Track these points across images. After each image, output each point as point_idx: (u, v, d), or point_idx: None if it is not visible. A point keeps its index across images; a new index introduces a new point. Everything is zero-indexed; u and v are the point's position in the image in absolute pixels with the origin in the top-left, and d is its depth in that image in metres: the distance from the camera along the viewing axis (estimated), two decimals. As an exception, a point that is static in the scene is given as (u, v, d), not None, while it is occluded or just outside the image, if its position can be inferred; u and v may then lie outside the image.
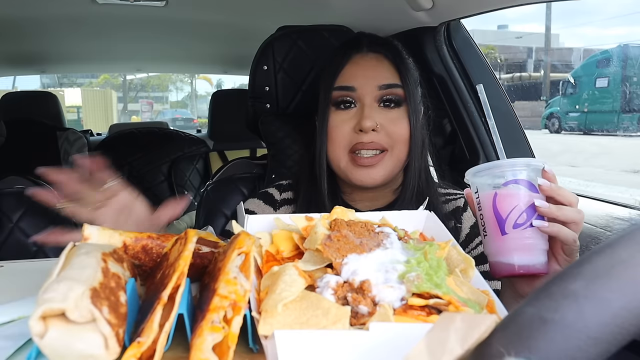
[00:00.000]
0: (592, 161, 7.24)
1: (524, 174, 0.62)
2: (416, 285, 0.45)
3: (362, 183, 0.88)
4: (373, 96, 0.87)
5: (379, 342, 0.39)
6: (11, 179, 1.23)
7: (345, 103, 0.88)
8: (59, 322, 0.38)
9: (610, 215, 1.06)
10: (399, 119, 0.87)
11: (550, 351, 0.29)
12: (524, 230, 0.61)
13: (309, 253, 0.51)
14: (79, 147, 2.51)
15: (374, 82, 0.87)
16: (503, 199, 0.62)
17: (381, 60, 0.90)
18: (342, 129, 0.88)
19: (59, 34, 2.11)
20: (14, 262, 0.76)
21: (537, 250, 0.62)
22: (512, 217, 0.61)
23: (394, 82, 0.88)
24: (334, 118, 0.89)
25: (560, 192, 0.61)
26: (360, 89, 0.87)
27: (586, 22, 40.77)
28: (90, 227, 0.53)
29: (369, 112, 0.86)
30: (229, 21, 1.93)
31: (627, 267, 0.31)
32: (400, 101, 0.88)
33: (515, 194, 0.61)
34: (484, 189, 0.64)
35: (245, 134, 1.41)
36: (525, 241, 0.61)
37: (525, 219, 0.61)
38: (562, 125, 8.64)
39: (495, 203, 0.62)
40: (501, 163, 0.63)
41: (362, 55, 0.90)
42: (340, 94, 0.88)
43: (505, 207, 0.61)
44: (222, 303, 0.40)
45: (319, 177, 0.91)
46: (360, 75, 0.88)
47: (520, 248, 0.61)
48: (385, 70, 0.89)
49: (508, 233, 0.61)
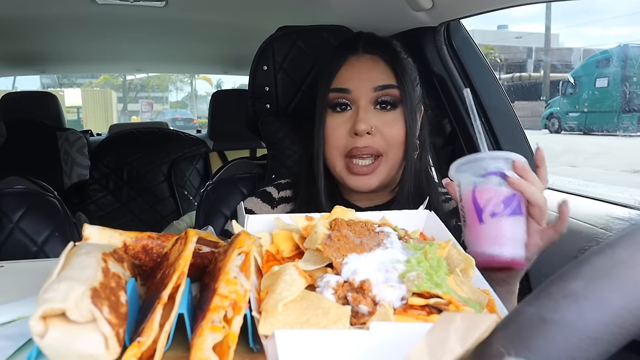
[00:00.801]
0: (592, 161, 7.23)
1: (502, 166, 0.64)
2: (416, 285, 0.45)
3: (358, 189, 0.89)
4: (368, 98, 0.87)
5: (379, 342, 0.39)
6: (11, 179, 1.22)
7: (341, 105, 0.88)
8: (60, 322, 0.38)
9: (610, 215, 1.06)
10: (394, 121, 0.87)
11: (550, 351, 0.30)
12: (500, 218, 0.63)
13: (309, 253, 0.51)
14: (79, 148, 2.52)
15: (369, 83, 0.87)
16: (482, 189, 0.64)
17: (377, 62, 0.89)
18: (337, 132, 0.88)
19: (59, 34, 2.11)
20: (14, 262, 0.76)
21: (513, 240, 0.63)
22: (489, 206, 0.63)
23: (390, 83, 0.87)
24: (330, 120, 0.89)
25: (529, 189, 0.63)
26: (355, 91, 0.87)
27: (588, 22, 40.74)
28: (90, 227, 0.54)
29: (363, 114, 0.85)
30: (229, 21, 1.93)
31: (627, 267, 0.31)
32: (396, 102, 0.87)
33: (492, 185, 0.64)
34: (465, 179, 0.66)
35: (245, 134, 1.41)
36: (501, 231, 0.63)
37: (502, 208, 0.63)
38: (562, 125, 8.63)
39: (474, 193, 0.64)
40: (481, 156, 0.65)
41: (357, 57, 0.90)
42: (336, 96, 0.88)
43: (483, 196, 0.63)
44: (222, 303, 0.41)
45: (317, 178, 0.91)
46: (356, 78, 0.88)
47: (496, 237, 0.63)
48: (380, 72, 0.88)
49: (485, 222, 0.63)
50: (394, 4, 1.27)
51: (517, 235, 0.63)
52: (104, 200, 2.60)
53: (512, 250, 0.63)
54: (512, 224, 0.63)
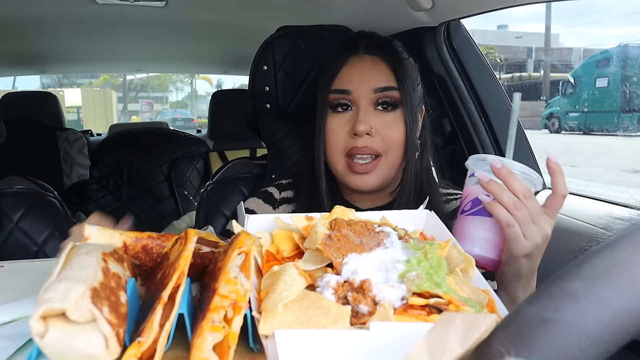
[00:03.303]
0: (592, 161, 7.23)
1: (488, 169, 0.66)
2: (416, 285, 0.45)
3: (358, 188, 0.89)
4: (368, 99, 0.87)
5: (379, 342, 0.39)
6: (11, 179, 1.23)
7: (342, 106, 0.88)
8: (60, 322, 0.38)
9: (610, 215, 1.06)
10: (394, 122, 0.87)
11: (550, 351, 0.30)
12: (467, 217, 0.66)
13: (309, 252, 0.51)
14: (79, 148, 2.52)
15: (369, 85, 0.87)
16: (465, 188, 0.68)
17: (377, 63, 0.89)
18: (338, 132, 0.88)
19: (59, 34, 2.11)
20: (14, 262, 0.76)
21: (474, 239, 0.65)
22: (462, 204, 0.68)
23: (390, 85, 0.87)
24: (330, 121, 0.89)
25: (497, 191, 0.63)
26: (355, 92, 0.87)
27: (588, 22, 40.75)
28: (90, 227, 0.54)
29: (363, 115, 0.86)
30: (229, 21, 1.93)
31: (627, 267, 0.31)
32: (397, 104, 0.87)
33: (470, 185, 0.68)
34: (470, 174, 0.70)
35: (245, 134, 1.41)
36: (465, 228, 0.66)
37: (469, 207, 0.66)
38: (562, 125, 8.63)
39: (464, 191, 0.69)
40: (484, 156, 0.67)
41: (358, 58, 0.90)
42: (336, 97, 0.89)
43: (464, 194, 0.68)
44: (222, 303, 0.41)
45: (318, 179, 0.91)
46: (356, 79, 0.88)
47: (462, 234, 0.66)
48: (380, 73, 0.88)
49: (457, 218, 0.68)
50: (394, 4, 1.27)
51: (478, 234, 0.65)
52: (104, 200, 2.60)
53: (474, 249, 0.65)
54: (473, 223, 0.65)
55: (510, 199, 0.62)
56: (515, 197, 0.63)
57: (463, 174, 0.70)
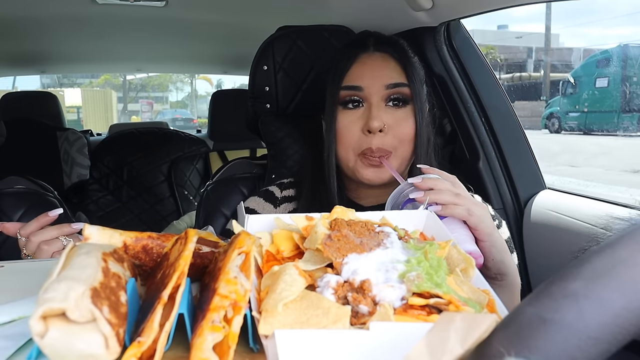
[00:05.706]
0: (592, 161, 7.23)
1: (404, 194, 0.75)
2: (416, 285, 0.45)
3: (370, 181, 0.89)
4: (380, 95, 0.88)
5: (379, 342, 0.39)
6: (11, 179, 1.22)
7: (353, 102, 0.89)
8: (60, 322, 0.38)
9: (610, 215, 1.06)
10: (405, 118, 0.88)
11: (550, 351, 0.29)
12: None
13: (309, 253, 0.51)
14: (79, 147, 2.52)
15: (381, 81, 0.88)
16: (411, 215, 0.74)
17: (387, 60, 0.90)
18: (350, 130, 0.89)
19: (59, 34, 2.11)
20: (14, 262, 0.76)
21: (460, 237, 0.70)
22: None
23: (401, 81, 0.88)
24: (342, 118, 0.89)
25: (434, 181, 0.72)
26: (367, 88, 0.88)
27: (588, 22, 40.75)
28: (90, 227, 0.53)
29: (376, 112, 0.86)
30: (229, 21, 1.93)
31: (627, 267, 0.31)
32: (407, 100, 0.89)
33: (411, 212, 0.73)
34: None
35: (245, 134, 1.41)
36: None
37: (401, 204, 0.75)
38: (562, 125, 8.63)
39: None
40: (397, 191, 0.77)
41: (368, 55, 0.91)
42: (348, 94, 0.89)
43: None
44: (222, 302, 0.41)
45: (328, 177, 0.92)
46: (367, 75, 0.88)
47: None
48: (391, 70, 0.89)
49: None
50: (394, 4, 1.27)
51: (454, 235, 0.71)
52: (104, 200, 2.60)
53: (464, 245, 0.69)
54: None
55: (446, 184, 0.71)
56: (448, 182, 0.72)
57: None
